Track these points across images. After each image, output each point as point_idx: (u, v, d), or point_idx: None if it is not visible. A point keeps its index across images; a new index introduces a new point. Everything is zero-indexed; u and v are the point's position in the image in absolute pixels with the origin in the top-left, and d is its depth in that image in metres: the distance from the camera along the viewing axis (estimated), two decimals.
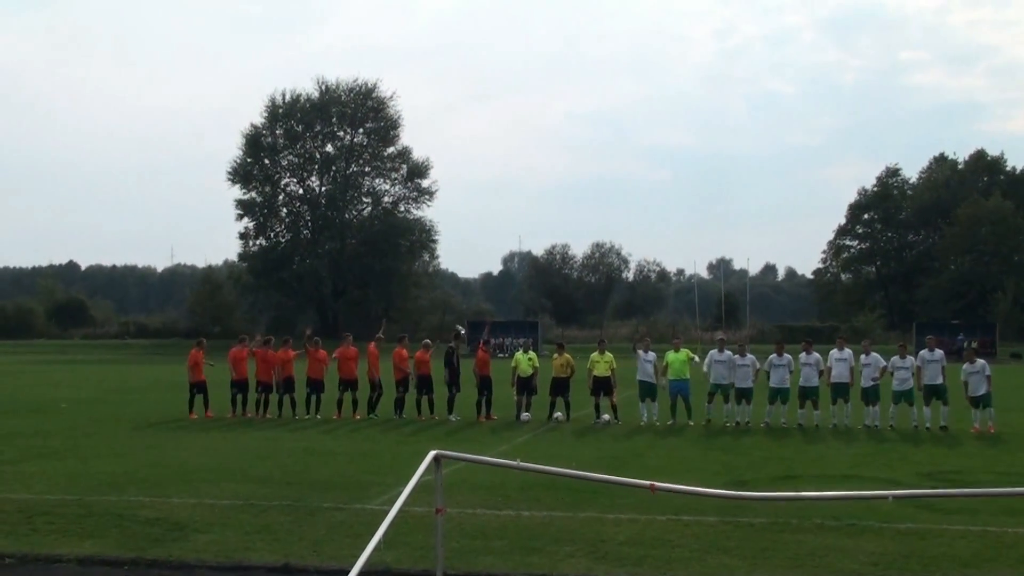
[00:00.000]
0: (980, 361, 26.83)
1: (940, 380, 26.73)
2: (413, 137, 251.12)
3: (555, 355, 29.52)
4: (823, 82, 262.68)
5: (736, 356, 28.15)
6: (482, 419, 28.23)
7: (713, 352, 28.54)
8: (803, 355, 27.92)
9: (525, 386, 28.90)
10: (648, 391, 28.11)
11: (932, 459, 20.91)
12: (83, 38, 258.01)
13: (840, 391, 27.28)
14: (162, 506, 15.00)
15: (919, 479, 18.08)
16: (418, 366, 29.32)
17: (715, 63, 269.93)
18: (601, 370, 28.41)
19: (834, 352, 27.92)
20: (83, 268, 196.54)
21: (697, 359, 29.34)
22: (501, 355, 64.28)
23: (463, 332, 35.56)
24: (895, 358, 27.57)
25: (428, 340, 31.22)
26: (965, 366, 26.78)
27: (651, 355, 28.46)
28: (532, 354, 29.91)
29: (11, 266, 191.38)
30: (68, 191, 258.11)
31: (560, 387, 28.55)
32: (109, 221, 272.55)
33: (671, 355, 28.26)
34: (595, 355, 28.90)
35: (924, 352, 27.49)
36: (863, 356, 27.65)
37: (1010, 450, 22.52)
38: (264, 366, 29.70)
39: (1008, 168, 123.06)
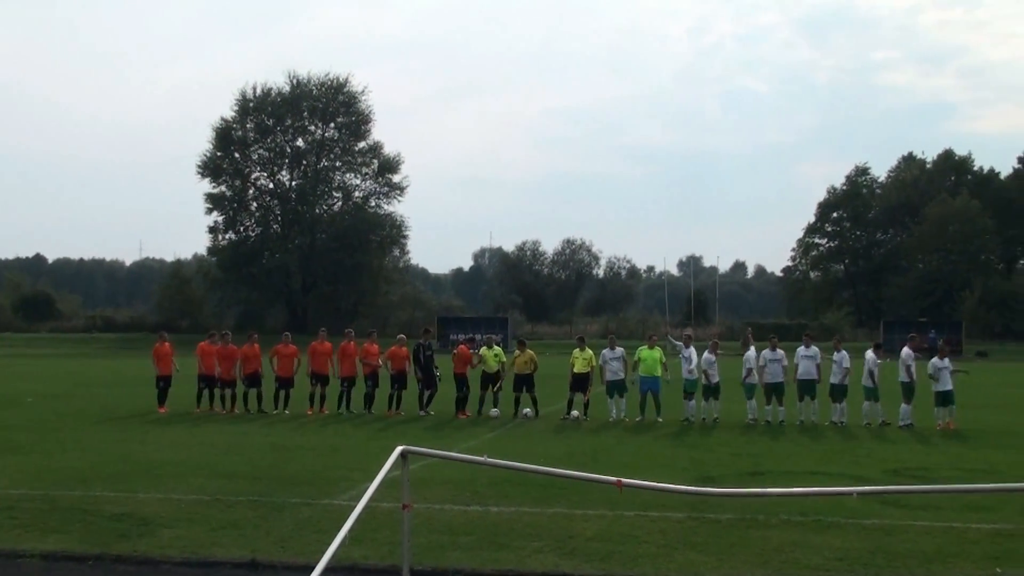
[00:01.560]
0: (947, 360, 27.04)
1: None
2: (384, 132, 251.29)
3: (517, 352, 29.52)
4: (796, 81, 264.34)
5: (706, 353, 28.26)
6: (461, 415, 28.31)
7: (766, 351, 28.27)
8: (768, 351, 27.97)
9: (491, 381, 28.95)
10: (616, 388, 28.12)
11: (898, 456, 21.04)
12: (51, 30, 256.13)
13: (807, 388, 27.41)
14: (128, 501, 14.89)
15: (885, 475, 18.19)
16: (394, 362, 29.32)
17: (690, 61, 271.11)
18: (581, 367, 28.44)
19: (801, 349, 28.04)
20: (50, 261, 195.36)
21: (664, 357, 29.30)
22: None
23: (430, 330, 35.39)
24: (869, 354, 27.75)
25: (403, 335, 31.19)
26: (934, 360, 26.96)
27: (618, 351, 28.48)
28: (498, 349, 29.94)
29: None
30: (35, 184, 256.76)
31: (524, 383, 28.59)
32: (77, 214, 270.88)
33: (645, 351, 28.24)
34: (577, 351, 28.93)
35: (906, 350, 27.66)
36: (835, 353, 27.78)
37: (975, 447, 22.69)
38: (227, 363, 29.57)
39: (976, 168, 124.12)
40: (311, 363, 29.73)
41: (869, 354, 27.83)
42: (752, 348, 28.46)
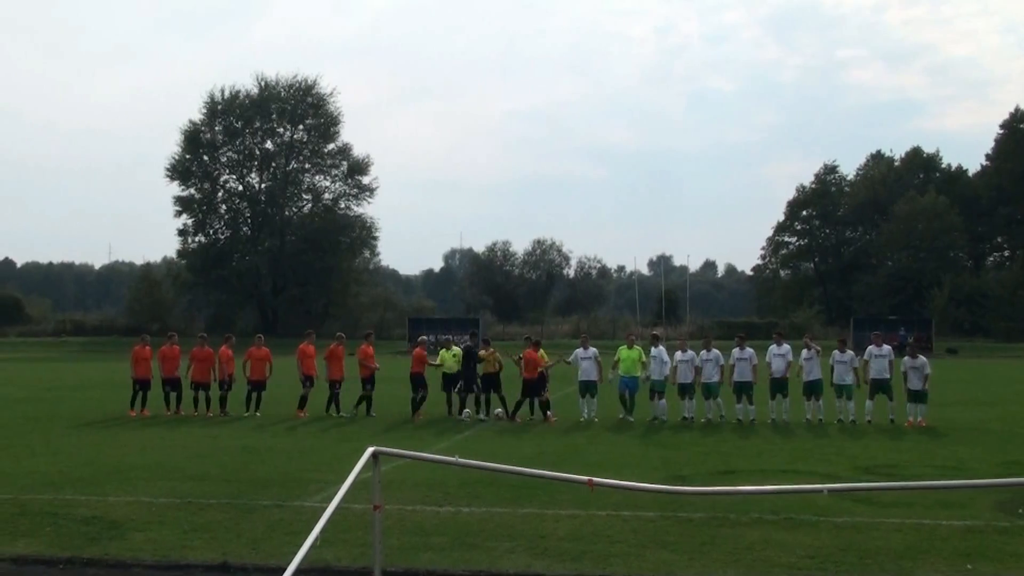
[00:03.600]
0: (921, 358, 27.15)
1: (887, 375, 27.16)
2: (353, 134, 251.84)
3: (482, 351, 29.48)
4: (762, 80, 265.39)
5: (677, 352, 28.29)
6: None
7: (678, 353, 28.40)
8: (736, 350, 28.02)
9: (452, 383, 28.86)
10: (587, 388, 28.10)
11: (869, 453, 21.13)
12: (16, 30, 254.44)
13: (778, 386, 27.49)
14: (98, 504, 14.83)
15: (856, 473, 18.28)
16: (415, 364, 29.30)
17: (655, 61, 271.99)
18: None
19: (773, 347, 28.12)
20: (19, 265, 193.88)
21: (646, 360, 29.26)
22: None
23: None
24: (835, 352, 27.86)
25: (424, 337, 31.03)
26: (906, 359, 27.11)
27: (591, 351, 28.45)
28: (457, 350, 29.72)
29: None
30: (4, 187, 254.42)
31: (490, 384, 28.55)
32: (46, 218, 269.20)
33: (624, 351, 28.24)
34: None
35: (871, 348, 27.81)
36: (804, 351, 27.84)
37: (945, 444, 22.79)
38: (203, 365, 29.56)
39: (943, 165, 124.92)
40: (302, 366, 29.66)
41: (873, 349, 27.84)
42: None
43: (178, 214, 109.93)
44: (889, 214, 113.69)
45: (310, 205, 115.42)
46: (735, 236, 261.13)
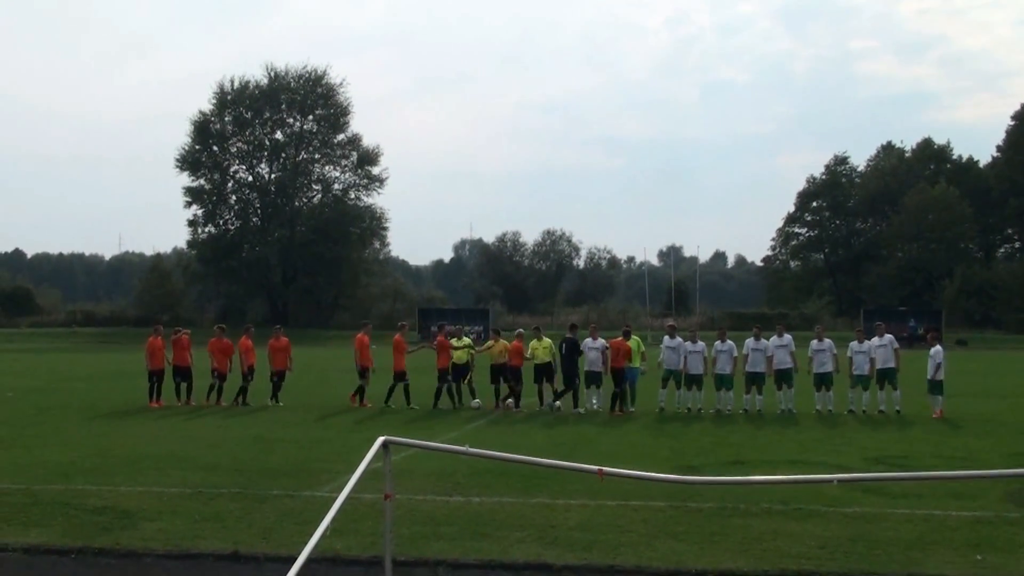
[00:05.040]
0: (937, 347, 27.12)
1: (891, 364, 27.09)
2: (364, 124, 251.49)
3: (490, 342, 29.42)
4: (775, 71, 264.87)
5: (687, 343, 28.22)
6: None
7: (665, 339, 28.57)
8: (751, 340, 28.02)
9: (461, 374, 28.87)
10: (594, 379, 28.07)
11: (879, 444, 21.10)
12: (28, 23, 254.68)
13: (783, 377, 27.47)
14: (110, 494, 14.85)
15: (866, 463, 18.26)
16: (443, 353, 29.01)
17: (668, 52, 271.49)
18: (541, 356, 28.38)
19: (774, 339, 28.10)
20: (29, 256, 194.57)
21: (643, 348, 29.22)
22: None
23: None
24: (853, 343, 27.86)
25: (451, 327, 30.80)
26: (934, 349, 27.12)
27: (600, 342, 28.39)
28: (467, 340, 29.69)
29: None
30: (14, 178, 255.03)
31: (501, 374, 28.58)
32: (56, 209, 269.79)
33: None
34: (534, 342, 28.82)
35: (874, 339, 27.80)
36: (814, 342, 27.82)
37: (955, 435, 22.74)
38: (222, 356, 29.73)
39: (955, 156, 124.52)
40: (360, 357, 29.41)
41: (875, 339, 27.82)
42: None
43: (188, 205, 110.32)
44: (900, 205, 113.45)
45: (320, 196, 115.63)
46: (745, 227, 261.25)
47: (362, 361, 29.34)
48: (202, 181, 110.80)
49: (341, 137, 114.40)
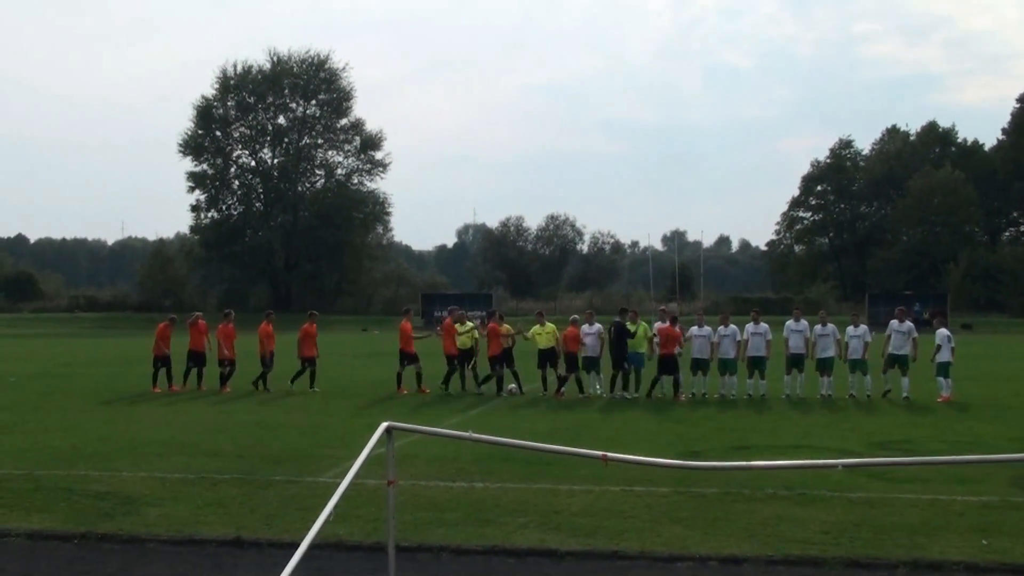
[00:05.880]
0: (943, 330, 27.10)
1: (905, 351, 26.99)
2: (367, 109, 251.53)
3: (492, 324, 29.35)
4: (779, 54, 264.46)
5: (699, 328, 28.14)
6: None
7: (694, 328, 28.27)
8: (751, 325, 27.94)
9: (466, 359, 28.81)
10: (591, 364, 28.03)
11: (883, 429, 21.06)
12: (30, 7, 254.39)
13: (795, 361, 27.43)
14: (112, 480, 14.85)
15: (870, 448, 18.23)
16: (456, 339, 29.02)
17: (671, 35, 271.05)
18: (544, 342, 28.32)
19: (790, 323, 28.04)
20: (32, 241, 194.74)
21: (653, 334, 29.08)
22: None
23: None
24: (849, 327, 27.77)
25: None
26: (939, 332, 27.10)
27: (596, 327, 28.29)
28: (470, 325, 29.67)
29: None
30: (17, 163, 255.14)
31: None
32: (58, 193, 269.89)
33: (629, 326, 28.08)
34: (536, 327, 28.78)
35: (893, 322, 27.64)
36: (818, 327, 27.74)
37: (961, 419, 22.69)
38: (229, 341, 29.70)
39: (960, 139, 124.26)
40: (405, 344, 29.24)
41: (894, 323, 27.70)
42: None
43: (191, 190, 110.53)
44: (904, 189, 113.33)
45: (323, 180, 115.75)
46: (749, 211, 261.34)
47: (406, 346, 29.15)
48: (205, 166, 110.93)
49: (344, 122, 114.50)
